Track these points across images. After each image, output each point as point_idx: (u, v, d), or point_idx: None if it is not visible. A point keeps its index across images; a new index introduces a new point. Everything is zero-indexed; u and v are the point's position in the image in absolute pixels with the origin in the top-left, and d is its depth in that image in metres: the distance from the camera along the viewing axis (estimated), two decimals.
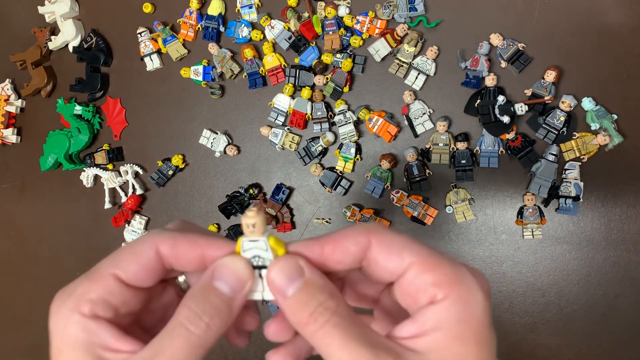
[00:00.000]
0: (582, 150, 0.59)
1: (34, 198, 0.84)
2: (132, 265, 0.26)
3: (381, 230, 0.26)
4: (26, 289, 0.86)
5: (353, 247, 0.26)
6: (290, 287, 0.25)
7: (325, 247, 0.26)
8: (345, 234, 0.27)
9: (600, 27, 0.59)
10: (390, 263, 0.25)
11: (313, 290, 0.25)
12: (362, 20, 0.64)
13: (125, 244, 0.25)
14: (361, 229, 0.27)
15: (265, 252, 0.26)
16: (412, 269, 0.25)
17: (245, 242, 0.26)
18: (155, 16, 0.75)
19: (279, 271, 0.25)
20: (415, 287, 0.25)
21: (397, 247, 0.25)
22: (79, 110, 0.77)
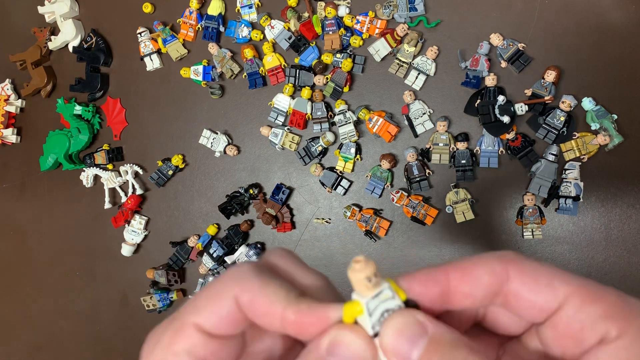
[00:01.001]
0: (582, 150, 0.59)
1: (34, 198, 0.84)
2: (212, 316, 0.23)
3: (520, 258, 0.22)
4: (26, 289, 0.85)
5: (486, 276, 0.21)
6: (414, 349, 0.20)
7: (451, 275, 0.22)
8: (475, 260, 0.22)
9: (600, 27, 0.59)
10: (540, 296, 0.21)
11: (445, 348, 0.20)
12: (362, 20, 0.64)
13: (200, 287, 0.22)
14: (494, 255, 0.22)
15: (393, 300, 0.21)
16: (571, 301, 0.20)
17: (369, 301, 0.21)
18: (155, 16, 0.75)
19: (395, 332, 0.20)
20: (579, 324, 0.20)
21: (545, 276, 0.21)
22: (79, 110, 0.77)
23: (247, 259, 0.70)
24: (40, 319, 0.85)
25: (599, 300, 0.20)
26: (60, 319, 0.83)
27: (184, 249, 0.74)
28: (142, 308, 0.76)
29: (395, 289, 0.21)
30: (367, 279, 0.20)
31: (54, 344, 0.84)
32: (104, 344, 0.80)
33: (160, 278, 0.74)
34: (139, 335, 0.79)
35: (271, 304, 0.22)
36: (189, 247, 0.74)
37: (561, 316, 0.20)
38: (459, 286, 0.22)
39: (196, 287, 0.74)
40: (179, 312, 0.24)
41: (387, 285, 0.21)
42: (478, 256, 0.22)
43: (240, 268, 0.24)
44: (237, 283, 0.23)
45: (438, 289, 0.22)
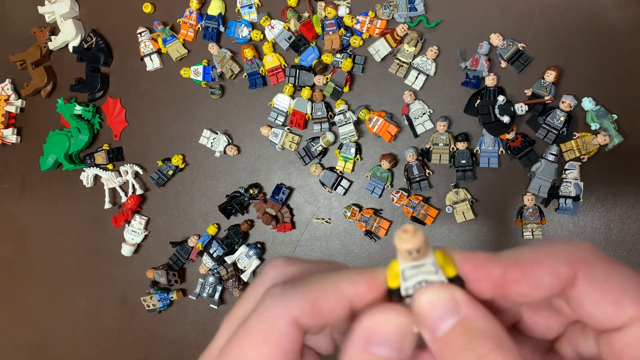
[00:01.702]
0: (582, 150, 0.59)
1: (34, 198, 0.84)
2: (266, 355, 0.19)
3: (592, 260, 0.19)
4: (26, 289, 0.85)
5: (549, 279, 0.19)
6: (441, 325, 0.19)
7: (509, 273, 0.20)
8: (540, 258, 0.20)
9: (600, 27, 0.59)
10: (601, 312, 0.19)
11: (471, 335, 0.18)
12: (362, 20, 0.64)
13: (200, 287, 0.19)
14: (564, 253, 0.19)
15: (435, 275, 0.20)
16: (634, 327, 0.18)
17: (407, 269, 0.20)
18: (155, 16, 0.75)
19: (427, 301, 0.20)
20: (636, 352, 0.18)
21: (614, 290, 0.18)
22: (79, 110, 0.77)
23: (247, 259, 0.70)
24: (40, 319, 0.85)
25: None
26: (60, 318, 0.83)
27: (184, 249, 0.74)
28: (142, 308, 0.76)
29: (441, 264, 0.20)
30: (410, 252, 0.19)
31: (54, 344, 0.84)
32: (104, 344, 0.80)
33: (161, 278, 0.74)
34: (139, 335, 0.79)
35: (337, 293, 0.20)
36: (189, 247, 0.74)
37: (620, 337, 0.18)
38: (516, 285, 0.19)
39: (196, 287, 0.74)
40: None
41: (432, 261, 0.20)
42: (544, 250, 0.20)
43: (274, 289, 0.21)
44: (288, 302, 0.20)
45: (490, 283, 0.20)
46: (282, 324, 0.20)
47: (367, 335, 0.20)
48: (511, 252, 0.20)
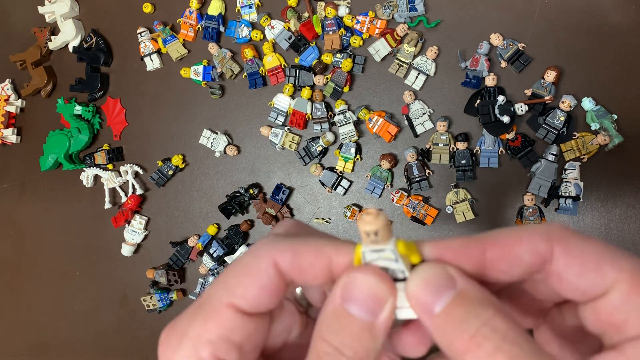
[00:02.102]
0: (582, 150, 0.59)
1: (34, 198, 0.84)
2: (249, 290, 0.21)
3: (566, 235, 0.20)
4: (26, 289, 0.85)
5: (527, 256, 0.20)
6: (438, 301, 0.19)
7: (488, 252, 0.20)
8: (517, 236, 0.20)
9: (600, 27, 0.59)
10: (583, 280, 0.19)
11: (472, 304, 0.19)
12: (362, 20, 0.64)
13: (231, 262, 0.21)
14: (539, 231, 0.20)
15: (395, 262, 0.20)
16: (618, 288, 0.18)
17: (367, 252, 0.21)
18: (155, 16, 0.75)
19: (422, 281, 0.20)
20: (623, 315, 0.18)
21: (593, 259, 0.19)
22: (79, 110, 0.77)
23: None
24: (40, 319, 0.85)
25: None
26: (60, 318, 0.83)
27: (184, 249, 0.74)
28: (142, 308, 0.76)
29: (404, 253, 0.20)
30: (367, 233, 0.20)
31: (54, 344, 0.84)
32: (104, 344, 0.80)
33: (161, 278, 0.74)
34: (139, 335, 0.79)
35: (317, 251, 0.21)
36: (189, 247, 0.74)
37: (605, 302, 0.19)
38: (496, 263, 0.20)
39: (196, 287, 0.74)
40: (207, 296, 0.22)
41: (391, 248, 0.20)
42: (520, 229, 0.20)
43: (266, 238, 0.23)
44: (273, 247, 0.22)
45: (472, 263, 0.20)
46: (263, 263, 0.21)
47: (344, 291, 0.20)
48: (488, 233, 0.21)
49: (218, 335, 0.21)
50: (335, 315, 0.20)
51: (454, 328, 0.19)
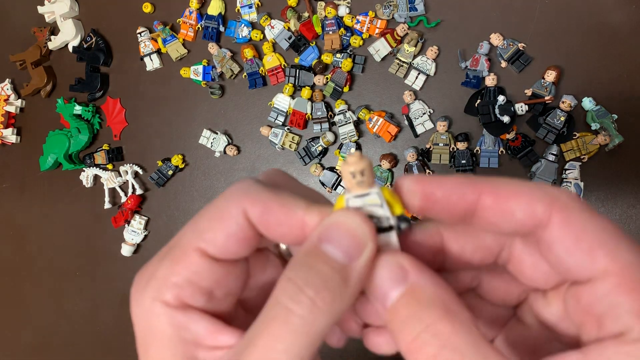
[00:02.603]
0: (582, 150, 0.59)
1: (34, 198, 0.84)
2: (217, 235, 0.20)
3: (572, 205, 0.18)
4: (26, 289, 0.85)
5: (522, 213, 0.18)
6: (391, 292, 0.18)
7: (483, 197, 0.18)
8: (517, 189, 0.18)
9: (601, 27, 0.59)
10: (572, 259, 0.18)
11: (417, 304, 0.18)
12: (362, 20, 0.64)
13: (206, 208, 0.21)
14: (543, 192, 0.18)
15: (381, 208, 0.19)
16: (606, 280, 0.17)
17: (351, 199, 0.20)
18: (155, 16, 0.75)
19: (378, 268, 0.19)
20: (603, 309, 0.17)
21: (589, 239, 0.17)
22: (79, 110, 0.77)
23: None
24: (40, 319, 0.85)
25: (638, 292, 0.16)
26: (60, 319, 0.83)
27: None
28: None
29: (388, 199, 0.19)
30: (351, 174, 0.19)
31: (53, 344, 0.84)
32: (104, 344, 0.80)
33: None
34: None
35: (288, 210, 0.20)
36: None
37: (589, 290, 0.17)
38: (487, 212, 0.19)
39: None
40: (177, 239, 0.21)
41: (377, 191, 0.19)
42: (523, 184, 0.19)
43: (243, 182, 0.21)
44: (245, 196, 0.20)
45: (463, 206, 0.19)
46: (233, 209, 0.20)
47: (322, 231, 0.19)
48: (488, 178, 0.19)
49: (184, 279, 0.20)
50: (308, 254, 0.19)
51: (398, 327, 0.18)
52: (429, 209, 0.20)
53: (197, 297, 0.20)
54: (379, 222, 0.19)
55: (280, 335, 0.17)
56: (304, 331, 0.17)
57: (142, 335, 0.21)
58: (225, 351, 0.19)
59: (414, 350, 0.17)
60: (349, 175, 0.19)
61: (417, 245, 0.21)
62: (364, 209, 0.19)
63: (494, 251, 0.21)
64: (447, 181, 0.19)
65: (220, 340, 0.20)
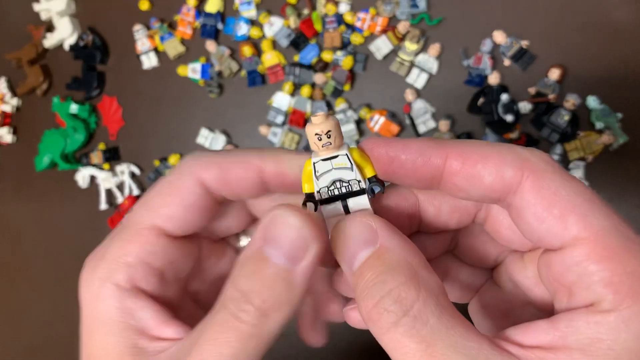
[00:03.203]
0: (586, 149, 0.58)
1: (29, 198, 0.83)
2: (173, 209, 0.20)
3: (544, 169, 0.17)
4: (22, 291, 0.84)
5: (491, 177, 0.17)
6: (359, 254, 0.17)
7: (449, 161, 0.18)
8: (485, 152, 0.17)
9: (605, 25, 0.58)
10: (543, 226, 0.17)
11: (383, 267, 0.17)
12: (363, 17, 0.63)
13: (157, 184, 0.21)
14: (513, 155, 0.17)
15: (351, 171, 0.19)
16: (578, 248, 0.16)
17: (318, 163, 0.19)
18: (152, 13, 0.74)
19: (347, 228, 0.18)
20: (574, 276, 0.16)
21: (561, 204, 0.16)
22: (75, 109, 0.76)
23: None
24: (36, 322, 0.84)
25: (611, 260, 0.15)
26: (56, 321, 0.82)
27: None
28: None
29: (357, 161, 0.18)
30: (317, 135, 0.18)
31: (50, 346, 0.83)
32: None
33: None
34: None
35: (244, 164, 0.20)
36: None
37: (560, 259, 0.17)
38: (454, 177, 0.18)
39: None
40: (129, 218, 0.20)
41: (345, 152, 0.18)
42: (493, 146, 0.18)
43: (192, 154, 0.22)
44: (197, 164, 0.21)
45: (428, 170, 0.18)
46: (187, 180, 0.20)
47: (264, 231, 0.18)
48: (457, 141, 0.18)
49: (137, 258, 0.19)
50: (250, 258, 0.18)
51: (361, 291, 0.17)
52: (393, 173, 0.19)
53: (148, 278, 0.20)
54: (349, 187, 0.19)
55: (227, 340, 0.17)
56: (252, 337, 0.17)
57: (87, 320, 0.21)
58: (168, 343, 0.19)
59: (374, 317, 0.16)
60: (314, 137, 0.18)
61: (391, 208, 0.20)
62: (332, 174, 0.19)
63: (471, 212, 0.21)
64: (412, 143, 0.18)
65: (165, 332, 0.19)
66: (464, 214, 0.21)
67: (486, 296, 0.23)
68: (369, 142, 0.19)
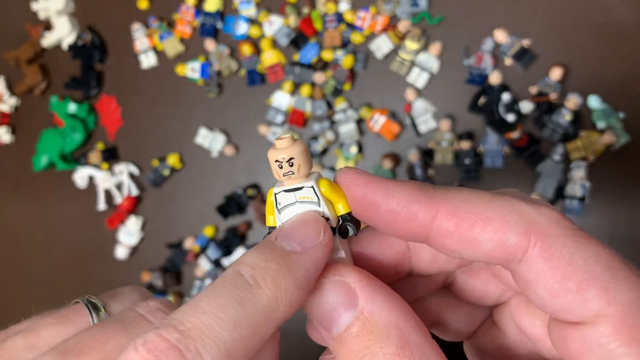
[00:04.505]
0: (588, 149, 0.58)
1: (28, 199, 0.83)
2: None
3: (556, 232, 0.15)
4: (20, 291, 0.84)
5: (490, 244, 0.15)
6: (339, 319, 0.15)
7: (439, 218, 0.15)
8: (485, 211, 0.15)
9: (607, 24, 0.58)
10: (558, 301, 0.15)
11: (370, 335, 0.15)
12: (364, 16, 0.63)
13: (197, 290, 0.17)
14: (521, 217, 0.15)
15: (317, 206, 0.16)
16: (601, 327, 0.14)
17: (280, 194, 0.16)
18: (151, 12, 0.74)
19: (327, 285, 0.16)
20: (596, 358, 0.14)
21: (578, 276, 0.14)
22: (73, 109, 0.76)
23: None
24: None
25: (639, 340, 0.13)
26: None
27: (181, 251, 0.72)
28: None
29: (327, 196, 0.15)
30: (278, 163, 0.15)
31: None
32: None
33: (157, 281, 0.72)
34: None
35: None
36: (185, 249, 0.72)
37: (579, 335, 0.14)
38: (444, 239, 0.15)
39: (193, 289, 0.72)
40: None
41: (312, 184, 0.15)
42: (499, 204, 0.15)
43: None
44: None
45: (413, 228, 0.15)
46: None
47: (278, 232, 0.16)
48: (449, 192, 0.15)
49: None
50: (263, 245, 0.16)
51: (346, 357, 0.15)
52: (369, 220, 0.16)
53: None
54: None
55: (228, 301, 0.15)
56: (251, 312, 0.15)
57: None
58: None
59: None
60: (274, 164, 0.16)
61: (374, 254, 0.18)
62: (295, 208, 0.16)
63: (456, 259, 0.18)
64: (397, 191, 0.15)
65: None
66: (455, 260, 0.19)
67: (486, 338, 0.21)
68: (345, 177, 0.16)
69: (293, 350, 0.68)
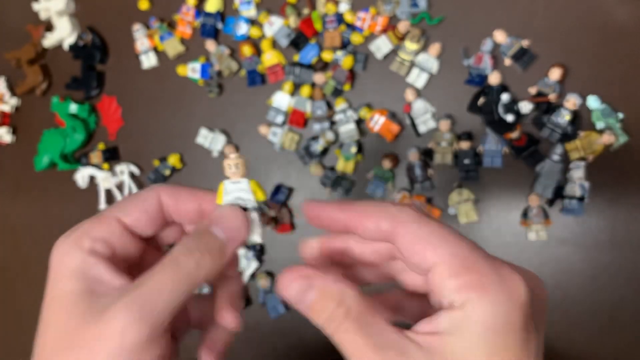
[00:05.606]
0: (587, 149, 0.58)
1: (29, 199, 0.83)
2: (135, 211, 0.28)
3: (409, 220, 0.25)
4: (21, 291, 0.84)
5: (373, 228, 0.26)
6: (305, 298, 0.25)
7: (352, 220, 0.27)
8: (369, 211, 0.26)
9: (606, 24, 0.58)
10: (414, 259, 0.25)
11: (324, 301, 0.25)
12: (363, 17, 0.63)
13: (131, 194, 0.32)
14: (386, 213, 0.26)
15: (247, 193, 0.29)
16: (436, 270, 0.24)
17: (228, 184, 0.29)
18: (151, 13, 0.74)
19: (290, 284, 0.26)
20: (438, 289, 0.23)
21: (422, 243, 0.24)
22: (74, 109, 0.76)
23: (246, 261, 0.69)
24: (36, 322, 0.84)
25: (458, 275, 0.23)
26: None
27: None
28: None
29: (253, 188, 0.29)
30: (229, 166, 0.28)
31: None
32: None
33: None
34: None
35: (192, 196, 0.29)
36: None
37: (430, 278, 0.24)
38: (357, 230, 0.26)
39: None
40: (102, 211, 0.29)
41: (246, 181, 0.29)
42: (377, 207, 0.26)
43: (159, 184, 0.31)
44: (162, 187, 0.29)
45: (339, 226, 0.27)
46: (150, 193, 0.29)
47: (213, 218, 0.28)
48: (358, 203, 0.27)
49: (100, 235, 0.27)
50: (199, 232, 0.27)
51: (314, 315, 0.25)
52: (317, 225, 0.29)
53: (105, 249, 0.27)
54: (245, 204, 0.29)
55: (170, 278, 0.25)
56: (187, 280, 0.25)
57: (54, 272, 0.28)
58: (118, 290, 0.26)
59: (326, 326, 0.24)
60: (227, 166, 0.29)
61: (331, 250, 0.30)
62: (235, 193, 0.29)
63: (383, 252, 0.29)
64: (327, 208, 0.28)
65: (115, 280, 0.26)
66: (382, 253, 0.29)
67: None
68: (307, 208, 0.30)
69: (293, 350, 0.69)
